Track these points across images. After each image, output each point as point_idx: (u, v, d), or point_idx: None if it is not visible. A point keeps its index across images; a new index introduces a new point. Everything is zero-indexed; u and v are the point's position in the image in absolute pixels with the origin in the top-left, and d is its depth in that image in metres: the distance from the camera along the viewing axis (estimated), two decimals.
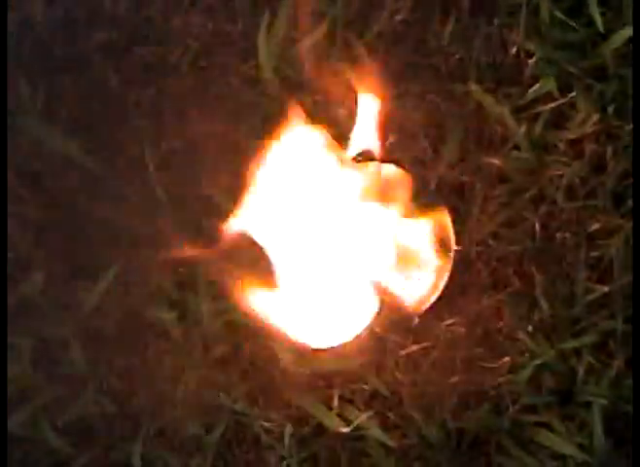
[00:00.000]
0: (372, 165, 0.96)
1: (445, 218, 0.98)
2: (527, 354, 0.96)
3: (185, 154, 1.00)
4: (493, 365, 0.97)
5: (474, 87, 0.99)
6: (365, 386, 0.98)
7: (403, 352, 0.98)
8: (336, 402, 0.97)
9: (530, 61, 1.00)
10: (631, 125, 0.97)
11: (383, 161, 0.98)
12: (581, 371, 0.95)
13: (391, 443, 0.96)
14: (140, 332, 0.99)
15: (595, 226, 0.98)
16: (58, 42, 1.02)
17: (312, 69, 0.98)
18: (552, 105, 0.99)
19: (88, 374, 0.97)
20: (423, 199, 0.98)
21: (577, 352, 0.96)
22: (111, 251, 0.98)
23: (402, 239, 0.97)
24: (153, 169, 0.99)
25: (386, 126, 1.00)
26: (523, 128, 0.98)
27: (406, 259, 0.97)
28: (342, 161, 0.94)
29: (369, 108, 0.94)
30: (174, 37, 1.02)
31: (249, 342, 0.97)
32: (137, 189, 0.99)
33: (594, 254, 0.98)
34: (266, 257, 0.92)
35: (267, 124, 0.96)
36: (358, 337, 0.96)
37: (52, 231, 1.00)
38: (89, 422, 0.98)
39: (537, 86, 0.99)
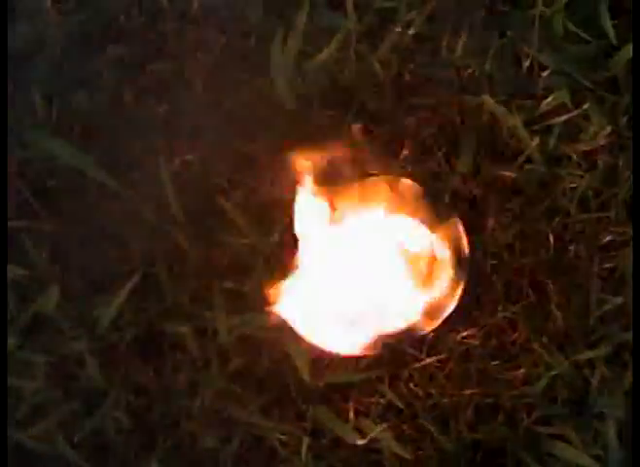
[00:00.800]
0: (387, 179, 0.97)
1: (459, 231, 0.98)
2: (542, 366, 0.96)
3: (199, 168, 1.00)
4: (508, 377, 0.97)
5: (487, 99, 1.00)
6: (380, 399, 0.98)
7: (418, 364, 0.98)
8: (351, 414, 0.97)
9: (543, 74, 1.00)
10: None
11: (397, 174, 0.99)
12: (595, 382, 0.96)
13: (407, 455, 0.96)
14: (156, 346, 0.99)
15: (609, 237, 0.99)
16: (72, 57, 1.02)
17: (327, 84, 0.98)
18: (565, 117, 1.00)
19: (105, 389, 0.97)
20: (437, 212, 0.98)
21: (591, 363, 0.96)
22: (126, 266, 0.98)
23: (416, 252, 0.97)
24: (167, 184, 0.98)
25: (400, 140, 1.00)
26: (536, 141, 0.98)
27: (420, 271, 0.97)
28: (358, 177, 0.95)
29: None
30: (188, 52, 1.02)
31: (265, 356, 0.98)
32: (152, 204, 0.99)
33: (608, 265, 0.99)
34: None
35: (282, 138, 0.97)
36: (373, 349, 0.96)
37: (67, 246, 1.00)
38: (106, 437, 0.98)
39: (550, 98, 1.00)
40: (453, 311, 0.97)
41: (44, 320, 0.97)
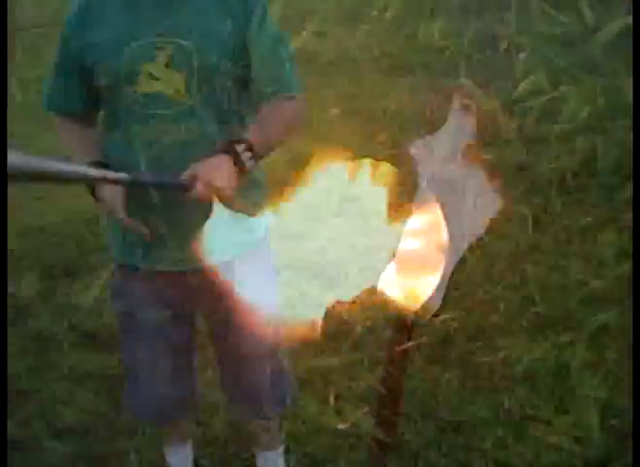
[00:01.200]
0: (365, 164, 0.96)
1: (438, 213, 0.97)
2: (522, 348, 0.96)
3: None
4: (488, 360, 0.97)
5: (464, 82, 0.99)
6: (360, 383, 0.97)
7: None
8: (332, 399, 0.96)
9: (520, 56, 1.00)
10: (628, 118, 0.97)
11: (376, 158, 0.98)
12: (575, 364, 0.95)
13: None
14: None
15: (587, 219, 0.99)
16: (50, 45, 1.01)
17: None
18: (543, 99, 1.00)
19: (84, 375, 0.97)
20: (416, 195, 0.98)
21: (571, 346, 0.96)
22: (103, 253, 0.97)
23: (397, 236, 0.97)
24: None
25: (378, 123, 1.00)
26: (514, 123, 0.98)
27: (401, 256, 0.97)
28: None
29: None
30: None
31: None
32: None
33: (587, 247, 0.99)
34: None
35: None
36: (353, 332, 0.96)
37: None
38: (86, 423, 0.97)
39: (527, 80, 1.00)
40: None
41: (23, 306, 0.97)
